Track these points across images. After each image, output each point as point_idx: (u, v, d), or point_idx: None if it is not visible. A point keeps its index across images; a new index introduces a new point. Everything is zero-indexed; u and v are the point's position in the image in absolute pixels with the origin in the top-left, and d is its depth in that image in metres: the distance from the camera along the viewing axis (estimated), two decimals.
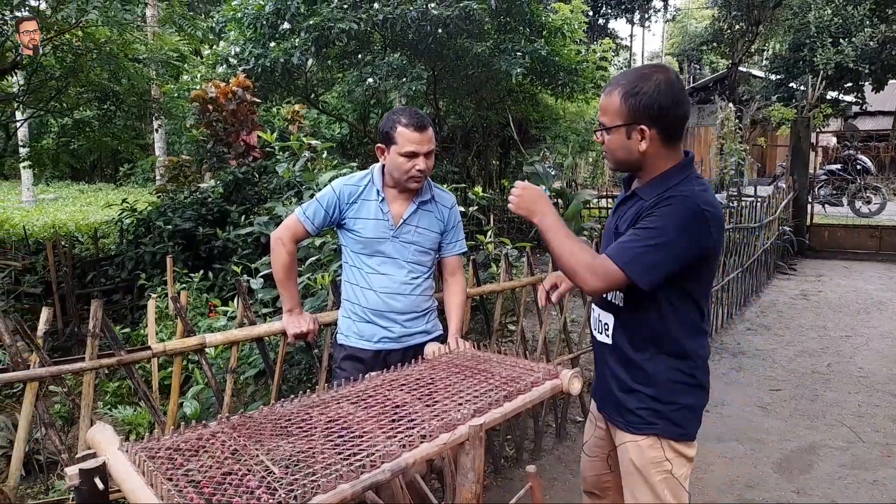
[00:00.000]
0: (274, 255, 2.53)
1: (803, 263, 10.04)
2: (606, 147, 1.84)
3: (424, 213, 2.51)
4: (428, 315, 2.59)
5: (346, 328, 2.57)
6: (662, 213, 1.69)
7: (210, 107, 6.17)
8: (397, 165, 2.37)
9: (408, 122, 2.34)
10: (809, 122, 10.31)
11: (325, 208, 2.47)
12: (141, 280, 5.13)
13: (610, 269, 1.71)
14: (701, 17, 33.51)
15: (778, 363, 5.49)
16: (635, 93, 1.72)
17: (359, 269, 2.51)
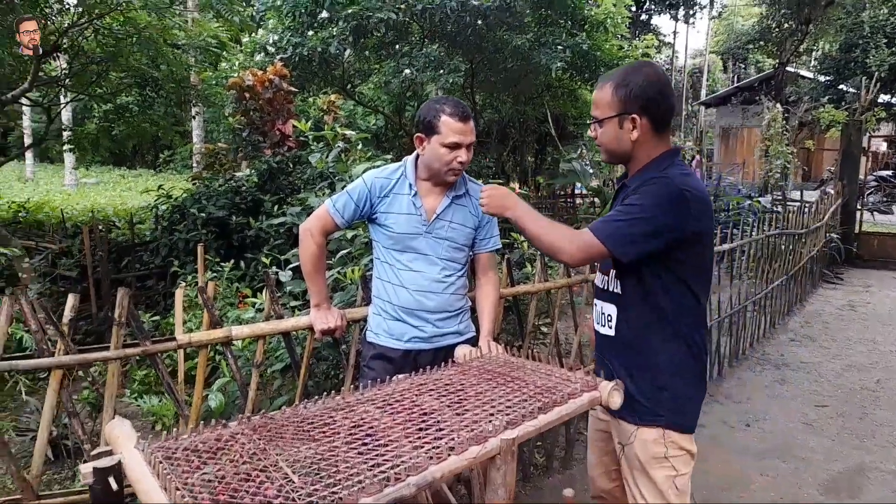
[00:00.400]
0: (302, 248, 2.45)
1: (851, 273, 9.64)
2: (600, 139, 1.93)
3: (458, 208, 2.40)
4: (461, 315, 2.48)
5: (375, 326, 2.47)
6: (642, 192, 1.79)
7: (247, 95, 6.15)
8: (438, 156, 2.26)
9: (453, 111, 2.23)
10: (861, 126, 9.88)
11: (356, 201, 2.38)
12: (174, 267, 5.14)
13: (588, 240, 1.80)
14: (748, 15, 32.59)
15: (824, 377, 5.24)
16: (625, 84, 1.84)
17: (390, 266, 2.41)
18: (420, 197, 2.36)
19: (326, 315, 2.50)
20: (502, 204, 1.97)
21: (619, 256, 1.79)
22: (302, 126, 3.73)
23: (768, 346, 6.07)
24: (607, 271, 1.98)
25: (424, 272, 2.37)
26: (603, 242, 1.78)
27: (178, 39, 5.86)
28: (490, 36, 8.15)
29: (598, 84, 1.93)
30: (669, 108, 1.89)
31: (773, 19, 22.03)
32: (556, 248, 1.85)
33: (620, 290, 1.93)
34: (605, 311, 2.01)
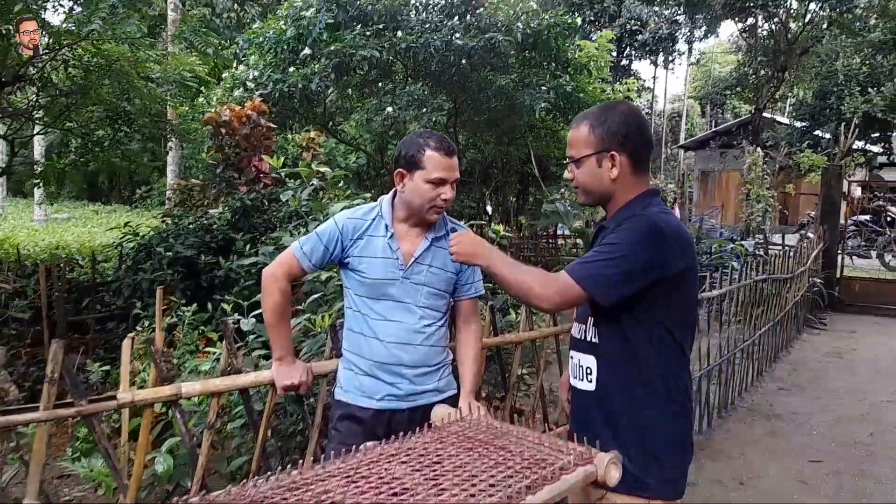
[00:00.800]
0: (265, 295, 2.22)
1: (834, 318, 9.56)
2: (577, 180, 1.87)
3: (438, 251, 2.21)
4: (441, 370, 2.25)
5: (346, 382, 2.24)
6: (620, 230, 1.72)
7: (223, 130, 5.97)
8: (421, 193, 2.09)
9: (437, 145, 2.08)
10: (841, 171, 9.95)
11: (326, 244, 2.17)
12: (136, 309, 4.85)
13: (565, 282, 1.70)
14: (725, 62, 33.49)
15: (816, 430, 5.05)
16: (602, 121, 1.79)
17: (363, 315, 2.19)
18: (397, 239, 2.17)
19: (290, 370, 2.27)
20: (472, 251, 1.87)
21: (600, 299, 1.68)
22: (274, 162, 3.55)
23: (757, 395, 5.88)
24: (584, 319, 1.87)
25: (401, 322, 2.16)
26: (581, 285, 1.68)
27: (152, 72, 5.70)
28: (474, 76, 8.11)
29: (573, 124, 1.88)
30: (647, 146, 1.85)
31: (749, 66, 22.59)
32: (531, 293, 1.73)
33: (598, 339, 1.82)
34: (583, 363, 1.87)
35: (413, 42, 6.80)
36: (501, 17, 7.95)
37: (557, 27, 8.31)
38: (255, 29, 7.42)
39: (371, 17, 7.02)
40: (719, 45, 36.94)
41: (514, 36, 7.74)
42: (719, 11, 20.78)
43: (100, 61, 5.06)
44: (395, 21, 7.11)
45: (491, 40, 7.12)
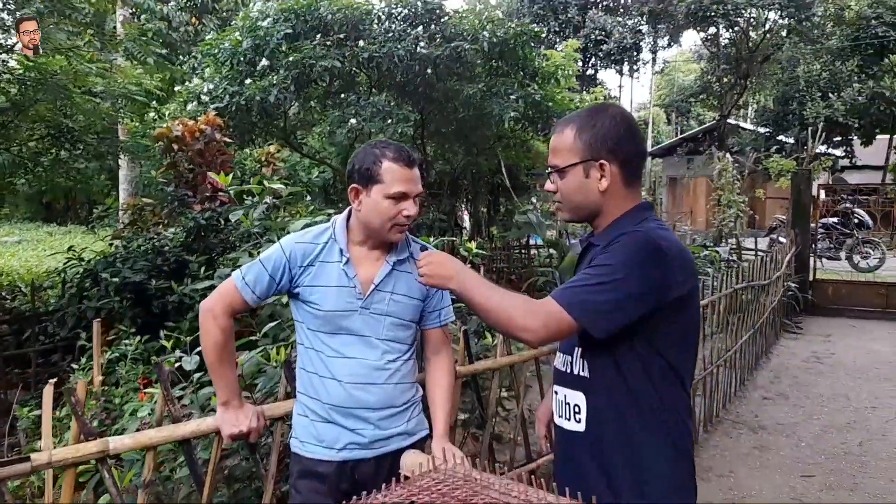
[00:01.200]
0: (203, 333, 1.92)
1: (809, 321, 9.52)
2: (560, 193, 1.64)
3: (401, 276, 1.94)
4: (409, 409, 1.98)
5: (301, 431, 1.95)
6: (612, 250, 1.50)
7: (175, 146, 5.63)
8: (380, 210, 1.83)
9: (396, 155, 1.83)
10: (810, 175, 9.98)
11: (271, 273, 1.88)
12: (81, 340, 4.47)
13: (553, 311, 1.46)
14: (688, 71, 34.03)
15: (804, 441, 4.88)
16: (591, 125, 1.57)
17: (317, 352, 1.91)
18: (353, 265, 1.89)
19: (237, 415, 1.97)
20: (443, 274, 1.63)
21: (593, 331, 1.45)
22: (222, 179, 3.25)
23: (741, 406, 5.71)
24: (570, 350, 1.64)
25: (361, 358, 1.88)
26: (571, 314, 1.44)
27: (94, 87, 5.33)
28: (440, 85, 7.90)
29: (555, 128, 1.66)
30: (641, 154, 1.66)
31: (712, 74, 22.94)
32: (512, 323, 1.49)
33: (588, 372, 1.58)
34: (569, 400, 1.63)
35: (375, 52, 6.56)
36: (467, 26, 7.78)
37: (524, 36, 8.16)
38: (209, 40, 7.10)
39: (332, 27, 6.77)
40: (682, 54, 37.55)
41: (481, 45, 7.56)
42: (681, 21, 21.07)
43: (34, 75, 4.70)
44: (356, 31, 6.87)
45: (457, 49, 6.92)
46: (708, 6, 19.39)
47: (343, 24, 6.83)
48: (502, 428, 3.79)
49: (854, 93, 17.54)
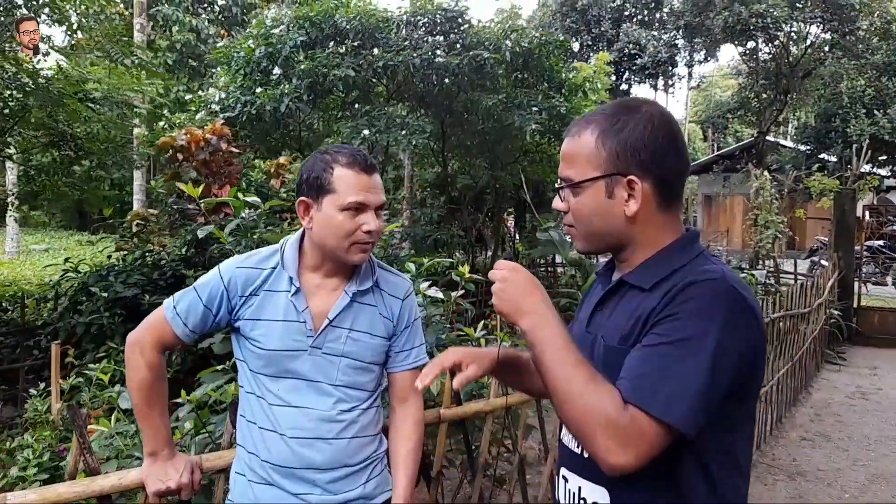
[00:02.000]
0: (128, 370, 1.63)
1: (853, 352, 8.90)
2: (575, 214, 1.21)
3: (363, 309, 1.63)
4: (369, 468, 1.64)
5: (238, 492, 1.63)
6: (692, 311, 1.06)
7: (180, 156, 5.45)
8: (335, 226, 1.52)
9: (350, 160, 1.54)
10: (855, 195, 9.39)
11: (206, 302, 1.57)
12: (69, 357, 4.26)
13: (644, 430, 1.01)
14: (726, 86, 33.25)
15: (848, 492, 4.38)
16: (618, 129, 1.16)
17: (259, 399, 1.59)
18: (304, 295, 1.58)
19: (166, 468, 1.66)
20: (516, 303, 1.16)
21: (689, 431, 1.02)
22: (189, 190, 3.00)
23: (777, 447, 5.21)
24: None
25: (309, 408, 1.56)
26: (663, 421, 1.01)
27: (91, 93, 5.18)
28: (461, 96, 7.62)
29: (570, 130, 1.22)
30: (683, 169, 1.20)
31: (751, 90, 22.26)
32: (594, 444, 1.03)
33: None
34: (585, 495, 1.20)
35: (391, 60, 6.31)
36: (489, 35, 7.50)
37: (549, 46, 7.84)
38: (220, 49, 6.96)
39: (347, 35, 6.55)
40: (720, 69, 36.76)
41: (503, 54, 7.26)
42: (719, 35, 20.49)
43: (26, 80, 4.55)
44: (372, 39, 6.64)
45: (477, 58, 6.63)
46: (746, 20, 18.80)
47: (359, 31, 6.61)
48: (503, 469, 3.41)
49: None
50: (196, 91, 8.85)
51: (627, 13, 28.73)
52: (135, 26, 7.32)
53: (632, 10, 28.81)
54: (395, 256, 4.95)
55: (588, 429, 1.03)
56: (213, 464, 1.84)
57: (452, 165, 10.22)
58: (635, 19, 28.89)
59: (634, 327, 1.12)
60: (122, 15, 13.57)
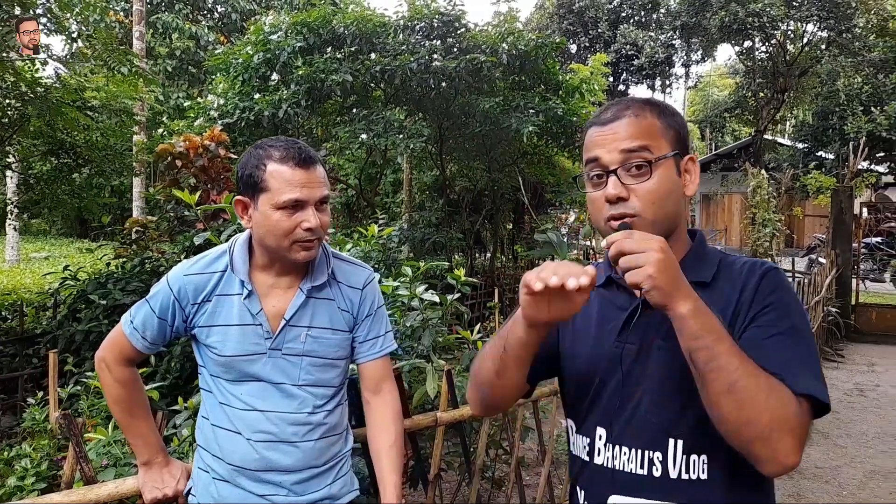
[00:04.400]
0: (103, 387, 1.64)
1: (851, 349, 8.93)
2: (650, 196, 1.09)
3: (321, 305, 1.59)
4: (335, 468, 1.63)
5: (201, 489, 1.61)
6: (787, 297, 1.08)
7: (178, 163, 5.47)
8: (271, 226, 1.47)
9: (284, 154, 1.47)
10: (852, 192, 9.42)
11: (159, 314, 1.55)
12: (68, 365, 4.27)
13: (801, 413, 0.98)
14: (723, 86, 33.29)
15: (846, 489, 4.41)
16: (671, 113, 1.16)
17: (221, 405, 1.57)
18: (258, 297, 1.55)
19: (161, 475, 1.68)
20: (678, 280, 0.98)
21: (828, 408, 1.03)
22: (185, 196, 3.02)
23: None
24: (655, 440, 1.09)
25: (274, 411, 1.54)
26: (813, 399, 1.00)
27: (89, 101, 5.21)
28: (458, 99, 7.65)
29: (619, 113, 1.13)
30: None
31: (748, 89, 22.26)
32: (772, 443, 0.95)
33: (707, 472, 1.07)
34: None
35: (388, 65, 6.34)
36: (485, 38, 7.53)
37: (545, 48, 7.87)
38: (218, 55, 6.98)
39: (344, 40, 6.58)
40: (717, 69, 36.80)
41: (500, 57, 7.29)
42: (715, 35, 20.49)
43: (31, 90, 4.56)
44: (370, 44, 6.67)
45: (473, 61, 6.66)
46: (743, 19, 18.82)
47: (356, 37, 6.64)
48: (501, 472, 3.44)
49: None
50: (195, 98, 8.87)
51: (624, 14, 28.77)
52: (134, 34, 7.35)
53: (629, 12, 28.86)
54: (393, 260, 4.97)
55: (773, 427, 0.95)
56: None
57: (450, 168, 10.25)
58: (632, 20, 28.94)
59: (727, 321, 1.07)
60: (121, 23, 13.63)
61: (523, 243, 13.45)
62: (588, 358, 1.18)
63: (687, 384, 1.03)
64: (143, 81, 5.46)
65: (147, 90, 6.10)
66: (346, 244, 3.74)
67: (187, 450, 2.38)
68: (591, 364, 1.18)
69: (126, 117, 5.69)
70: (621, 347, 1.14)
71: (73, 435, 1.75)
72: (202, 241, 3.25)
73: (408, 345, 2.80)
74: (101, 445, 2.37)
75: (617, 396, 1.13)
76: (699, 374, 0.97)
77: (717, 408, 0.97)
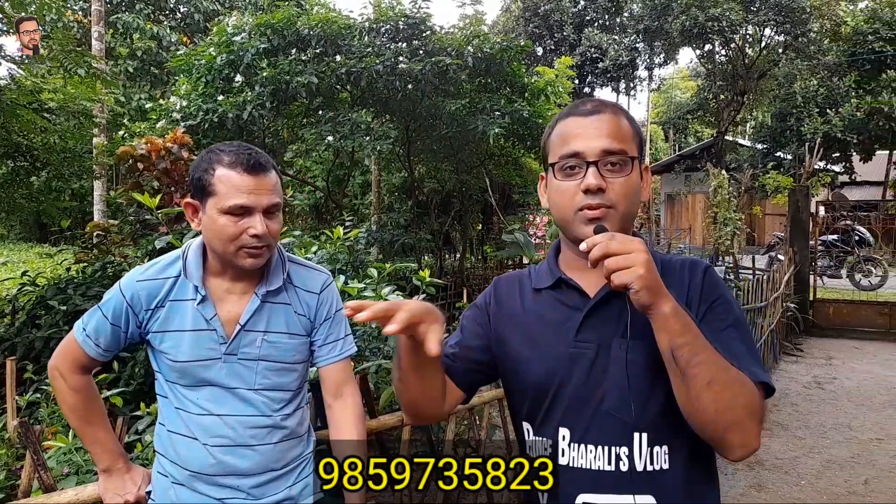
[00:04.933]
0: (57, 396, 1.62)
1: (809, 343, 9.19)
2: (624, 190, 1.13)
3: (276, 309, 1.59)
4: (296, 471, 1.62)
5: (161, 491, 1.60)
6: (726, 291, 1.15)
7: (140, 165, 5.38)
8: (217, 230, 1.46)
9: (233, 159, 1.46)
10: (808, 191, 9.71)
11: (112, 320, 1.53)
12: (28, 373, 4.17)
13: (762, 400, 1.06)
14: (686, 88, 33.98)
15: (804, 479, 4.54)
16: (633, 120, 1.21)
17: (177, 410, 1.56)
18: (212, 302, 1.53)
19: (123, 482, 1.65)
20: (659, 281, 1.00)
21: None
22: (145, 199, 2.98)
23: None
24: (622, 436, 1.11)
25: (231, 415, 1.54)
26: (764, 389, 1.08)
27: (46, 102, 5.07)
28: (424, 102, 7.67)
29: (595, 102, 1.19)
30: None
31: (709, 91, 22.79)
32: (739, 432, 1.01)
33: (669, 461, 1.11)
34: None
35: (354, 67, 6.33)
36: (451, 41, 7.57)
37: (510, 51, 7.94)
38: (180, 56, 6.88)
39: (309, 42, 6.55)
40: (679, 72, 37.56)
41: (465, 60, 7.34)
42: (677, 38, 20.94)
43: None
44: (335, 46, 6.65)
45: (439, 64, 6.69)
46: (703, 23, 19.28)
47: (321, 38, 6.61)
48: None
49: (852, 108, 17.34)
50: (158, 99, 8.72)
51: (589, 18, 29.18)
52: (93, 34, 7.20)
53: (593, 15, 29.28)
54: (360, 262, 4.97)
55: (746, 414, 1.00)
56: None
57: (419, 170, 10.27)
58: (596, 24, 29.36)
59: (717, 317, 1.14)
60: (80, 23, 13.31)
61: (492, 244, 13.54)
62: (544, 360, 1.18)
63: (648, 379, 1.07)
64: (101, 83, 5.35)
65: (107, 92, 5.97)
66: (312, 246, 3.73)
67: (151, 455, 2.35)
68: (548, 366, 1.17)
69: (85, 119, 5.55)
70: (580, 347, 1.15)
71: (31, 442, 1.72)
72: (164, 245, 3.19)
73: (375, 346, 2.81)
74: (61, 453, 2.32)
75: (579, 396, 1.13)
76: (681, 371, 0.99)
77: (698, 401, 0.99)
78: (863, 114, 17.41)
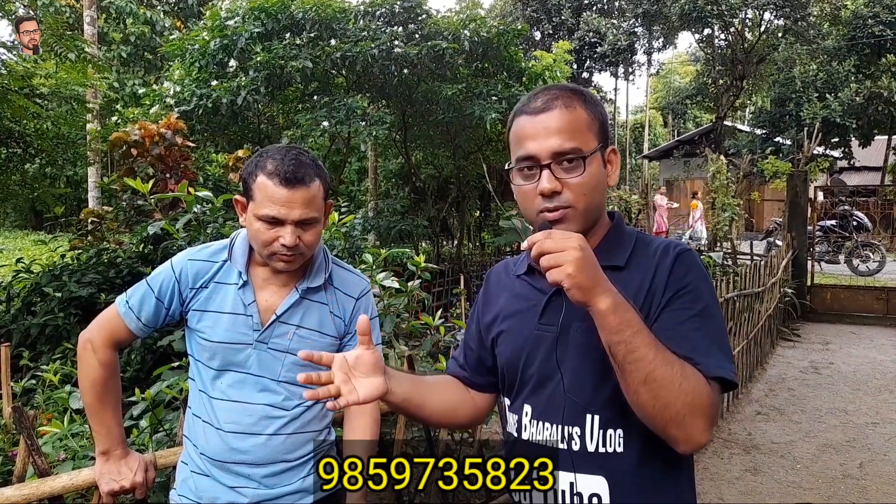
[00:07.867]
0: (81, 367, 1.62)
1: (807, 328, 9.21)
2: (583, 188, 1.13)
3: (313, 306, 1.62)
4: (310, 463, 1.65)
5: (180, 482, 1.66)
6: (699, 279, 1.13)
7: (133, 151, 5.33)
8: (253, 233, 1.53)
9: (274, 168, 1.47)
10: (807, 177, 9.68)
11: (158, 295, 1.57)
12: (24, 360, 4.15)
13: (715, 402, 1.04)
14: (685, 73, 33.82)
15: (800, 462, 4.56)
16: (595, 103, 1.18)
17: (200, 392, 1.61)
18: (253, 289, 1.57)
19: (119, 467, 1.66)
20: (597, 277, 1.00)
21: (736, 384, 1.11)
22: (138, 185, 2.96)
23: (733, 422, 5.39)
24: (575, 416, 1.14)
25: (249, 403, 1.57)
26: (731, 383, 1.08)
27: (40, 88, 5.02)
28: (421, 86, 7.61)
29: (550, 104, 1.13)
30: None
31: (708, 76, 22.67)
32: (686, 426, 1.01)
33: (623, 445, 1.12)
34: (582, 488, 1.13)
35: (348, 51, 6.26)
36: (447, 25, 7.49)
37: (507, 35, 7.87)
38: (173, 41, 6.80)
39: (304, 26, 6.48)
40: (678, 56, 37.35)
41: (462, 44, 7.27)
42: (676, 23, 20.80)
43: None
44: (330, 30, 6.58)
45: (435, 48, 6.62)
46: (702, 7, 19.14)
47: (316, 22, 6.54)
48: (466, 454, 3.47)
49: (851, 93, 17.28)
50: (152, 85, 8.66)
51: (587, 2, 28.95)
52: (85, 19, 7.12)
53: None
54: (356, 248, 4.95)
55: (687, 411, 1.00)
56: (168, 461, 1.83)
57: (416, 156, 10.22)
58: (595, 8, 29.13)
59: (639, 304, 1.09)
60: (72, 7, 13.17)
61: (490, 230, 13.52)
62: (515, 340, 1.24)
63: (603, 364, 1.08)
64: (93, 68, 5.30)
65: (99, 77, 5.91)
66: None
67: (147, 441, 2.35)
68: (518, 344, 1.23)
69: (77, 105, 5.50)
70: (542, 329, 1.19)
71: (24, 427, 1.71)
72: (157, 231, 3.17)
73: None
74: (56, 439, 2.32)
75: (543, 375, 1.18)
76: (618, 366, 1.02)
77: (636, 395, 1.01)
78: (862, 98, 17.36)
